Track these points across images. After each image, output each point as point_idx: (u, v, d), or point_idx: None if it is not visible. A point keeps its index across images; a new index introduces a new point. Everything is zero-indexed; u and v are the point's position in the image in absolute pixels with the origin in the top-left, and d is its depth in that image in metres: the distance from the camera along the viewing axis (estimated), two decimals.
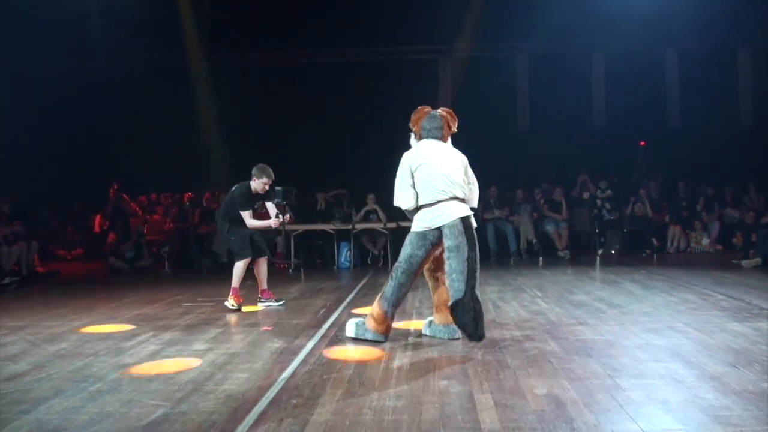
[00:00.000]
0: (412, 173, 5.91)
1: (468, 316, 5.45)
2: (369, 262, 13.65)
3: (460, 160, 6.04)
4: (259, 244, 8.46)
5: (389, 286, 5.90)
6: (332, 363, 5.27)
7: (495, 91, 15.72)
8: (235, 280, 8.19)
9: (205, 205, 14.58)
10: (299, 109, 15.82)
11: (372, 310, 6.03)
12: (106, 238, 14.55)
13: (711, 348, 5.37)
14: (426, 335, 6.20)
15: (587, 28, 15.43)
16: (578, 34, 15.62)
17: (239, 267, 8.22)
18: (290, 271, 12.79)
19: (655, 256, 13.48)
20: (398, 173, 6.00)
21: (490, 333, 6.23)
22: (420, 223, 5.86)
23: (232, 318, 7.60)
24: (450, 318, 5.73)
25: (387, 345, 5.87)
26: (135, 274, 12.74)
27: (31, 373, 5.20)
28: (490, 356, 5.32)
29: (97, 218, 15.31)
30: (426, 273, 6.20)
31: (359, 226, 13.14)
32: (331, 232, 13.20)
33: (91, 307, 8.57)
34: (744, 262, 11.22)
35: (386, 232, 13.00)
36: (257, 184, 8.28)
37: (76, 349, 6.04)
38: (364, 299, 8.70)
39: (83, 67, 15.49)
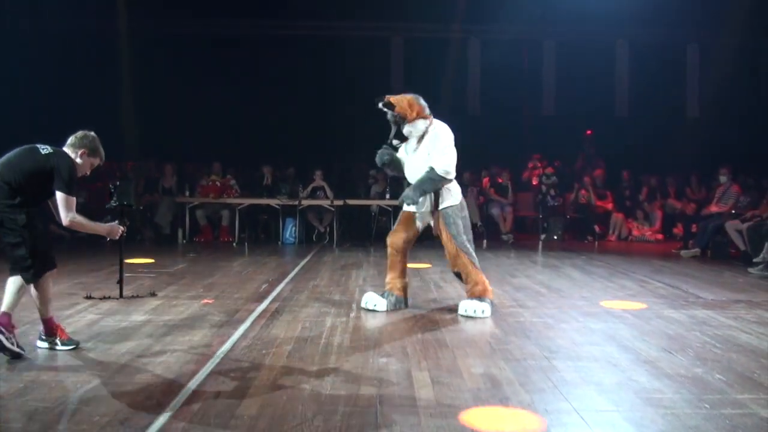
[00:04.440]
0: None
1: None
2: (314, 239, 13.60)
3: None
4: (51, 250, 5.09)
5: (470, 259, 6.40)
6: (272, 338, 5.25)
7: (446, 74, 15.74)
8: (46, 307, 4.98)
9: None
10: (249, 82, 15.62)
11: (475, 286, 6.38)
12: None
13: (646, 333, 5.49)
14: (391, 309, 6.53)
15: (539, 15, 15.47)
16: (530, 20, 15.66)
17: (45, 288, 4.90)
18: (234, 245, 12.70)
19: (596, 243, 13.68)
20: (451, 144, 6.46)
21: (431, 312, 6.29)
22: (458, 195, 6.67)
23: (173, 290, 7.49)
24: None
25: (328, 321, 5.88)
26: (75, 242, 12.47)
27: None
28: (429, 335, 5.37)
29: None
30: (402, 246, 6.64)
31: (306, 203, 13.07)
32: (277, 207, 13.11)
33: None
34: (683, 252, 11.44)
35: (333, 209, 12.96)
36: (85, 161, 5.12)
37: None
38: (308, 275, 8.69)
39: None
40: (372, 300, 6.53)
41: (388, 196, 13.01)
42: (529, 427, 3.56)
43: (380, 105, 6.38)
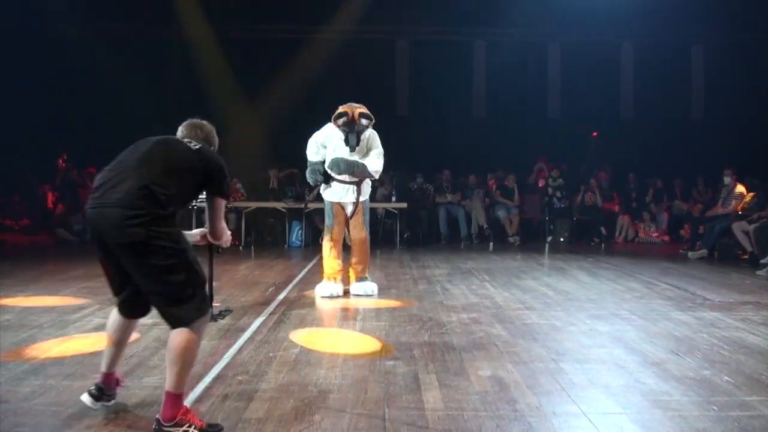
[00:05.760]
0: None
1: None
2: (320, 242, 13.58)
3: None
4: None
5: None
6: (279, 341, 5.25)
7: (452, 76, 15.73)
8: (185, 373, 3.41)
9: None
10: (253, 85, 15.61)
11: (365, 268, 7.68)
12: (55, 209, 14.27)
13: (654, 335, 5.48)
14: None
15: (545, 18, 15.46)
16: (535, 23, 15.66)
17: (197, 338, 3.44)
18: (240, 248, 12.70)
19: (603, 244, 13.67)
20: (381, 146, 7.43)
21: (438, 315, 6.28)
22: (369, 191, 7.80)
23: None
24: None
25: (335, 324, 5.89)
26: (83, 246, 12.50)
27: None
28: (436, 338, 5.36)
29: (49, 195, 15.02)
30: (341, 236, 7.88)
31: (312, 205, 13.04)
32: (283, 210, 13.12)
33: (37, 278, 8.40)
34: (690, 254, 11.42)
35: None
36: None
37: (20, 321, 5.92)
38: (314, 278, 8.68)
39: (34, 30, 14.95)
40: (327, 289, 7.37)
41: (394, 198, 13.01)
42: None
43: (366, 122, 7.35)
